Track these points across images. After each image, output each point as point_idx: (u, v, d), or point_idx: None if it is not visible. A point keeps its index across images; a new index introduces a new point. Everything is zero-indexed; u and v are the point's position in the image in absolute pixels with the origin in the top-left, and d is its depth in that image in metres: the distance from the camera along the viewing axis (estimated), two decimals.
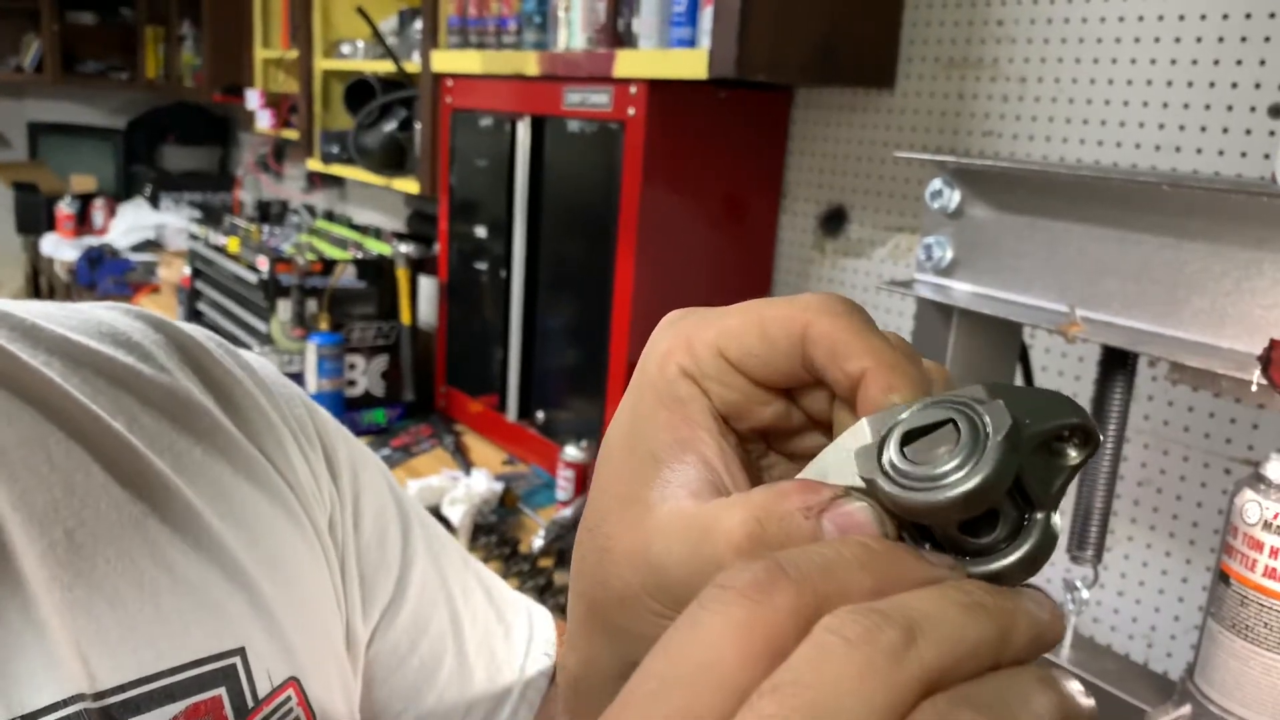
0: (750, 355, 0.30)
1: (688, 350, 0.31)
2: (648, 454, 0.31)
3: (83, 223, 4.46)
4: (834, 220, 1.82)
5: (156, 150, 5.05)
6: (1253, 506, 0.70)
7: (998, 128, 1.53)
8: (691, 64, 1.57)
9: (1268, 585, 0.69)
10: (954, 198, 0.89)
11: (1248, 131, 1.24)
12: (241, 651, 0.45)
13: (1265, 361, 0.65)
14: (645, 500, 0.30)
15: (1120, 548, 1.39)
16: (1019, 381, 1.03)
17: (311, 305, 2.30)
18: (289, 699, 0.47)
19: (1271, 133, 1.22)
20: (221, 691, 0.44)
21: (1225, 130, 1.27)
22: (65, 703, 0.39)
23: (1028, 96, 1.49)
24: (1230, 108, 1.26)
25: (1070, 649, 0.89)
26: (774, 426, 0.32)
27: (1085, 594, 0.88)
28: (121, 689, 0.41)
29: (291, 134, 3.19)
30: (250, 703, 0.45)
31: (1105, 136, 1.39)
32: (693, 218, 1.82)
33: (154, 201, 4.60)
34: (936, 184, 0.90)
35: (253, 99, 3.45)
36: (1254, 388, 0.65)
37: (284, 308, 2.31)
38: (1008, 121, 1.52)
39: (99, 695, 0.40)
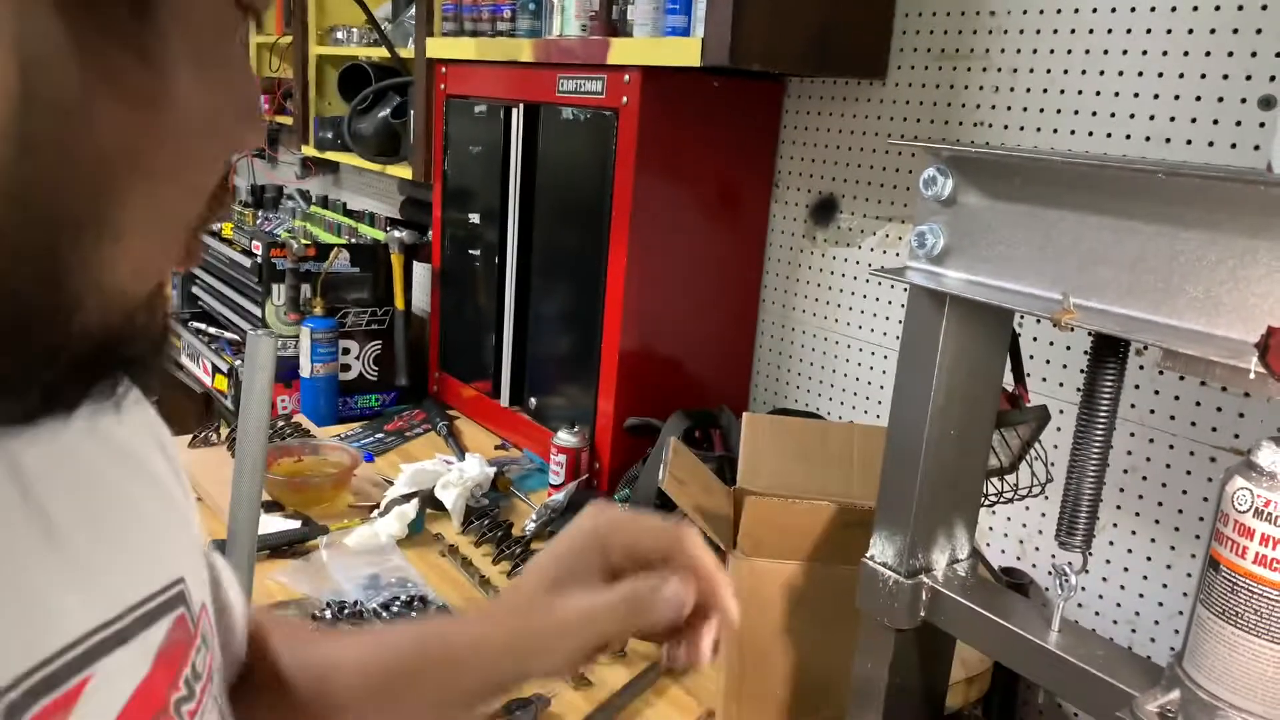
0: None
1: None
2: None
3: None
4: (824, 209, 1.83)
5: None
6: (1244, 493, 0.71)
7: (988, 118, 1.54)
8: (685, 52, 1.57)
9: (1258, 572, 0.70)
10: (947, 185, 0.89)
11: (1238, 123, 1.25)
12: (183, 580, 0.54)
13: (1263, 348, 0.66)
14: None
15: (1106, 534, 1.40)
16: (1008, 371, 1.04)
17: (305, 290, 2.30)
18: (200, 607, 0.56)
19: (1262, 124, 1.23)
20: (184, 610, 0.53)
21: (1215, 122, 1.27)
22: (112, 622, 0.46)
23: (1019, 87, 1.50)
24: (1221, 99, 1.27)
25: (1057, 634, 0.90)
26: None
27: (1073, 580, 0.88)
28: (141, 604, 0.49)
29: (286, 120, 3.18)
30: (192, 621, 0.54)
31: (1095, 127, 1.40)
32: (685, 205, 1.82)
33: None
34: (930, 171, 0.90)
35: None
36: (1251, 375, 0.66)
37: (278, 292, 2.31)
38: (999, 112, 1.53)
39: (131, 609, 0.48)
